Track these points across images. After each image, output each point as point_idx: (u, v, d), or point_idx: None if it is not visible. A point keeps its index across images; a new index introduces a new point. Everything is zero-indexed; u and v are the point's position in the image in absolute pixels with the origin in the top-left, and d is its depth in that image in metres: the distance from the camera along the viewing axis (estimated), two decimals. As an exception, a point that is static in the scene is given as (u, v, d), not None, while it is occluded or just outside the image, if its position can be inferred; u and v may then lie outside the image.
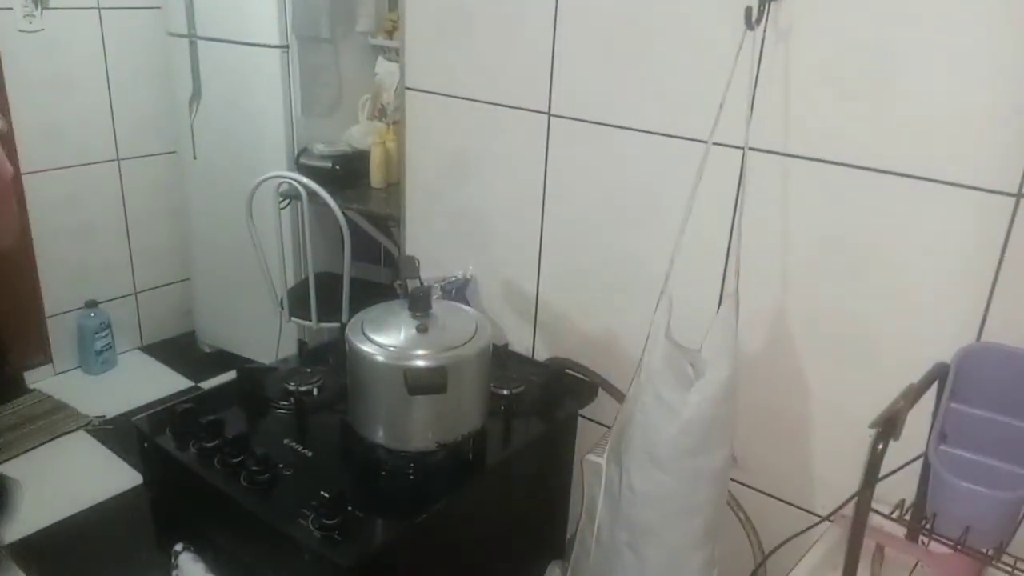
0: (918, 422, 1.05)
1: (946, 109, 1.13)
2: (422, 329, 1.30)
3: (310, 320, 2.56)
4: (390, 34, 2.89)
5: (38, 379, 3.03)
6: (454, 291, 1.72)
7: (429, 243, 1.83)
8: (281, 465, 1.31)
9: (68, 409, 2.88)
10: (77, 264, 3.08)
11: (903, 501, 1.13)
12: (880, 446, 0.96)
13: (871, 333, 1.27)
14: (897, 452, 1.00)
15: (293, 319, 2.62)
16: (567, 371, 1.64)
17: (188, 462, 1.34)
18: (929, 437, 1.01)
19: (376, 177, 2.81)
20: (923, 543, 1.13)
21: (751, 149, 1.30)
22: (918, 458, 1.12)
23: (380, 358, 1.27)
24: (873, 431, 0.98)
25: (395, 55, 2.84)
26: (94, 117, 3.00)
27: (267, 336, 2.82)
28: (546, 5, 1.47)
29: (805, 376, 1.36)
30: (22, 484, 2.49)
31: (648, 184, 1.45)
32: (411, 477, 1.34)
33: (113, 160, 3.11)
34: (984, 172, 1.12)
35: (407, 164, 1.83)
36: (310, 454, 1.37)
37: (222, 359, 3.18)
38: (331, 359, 1.66)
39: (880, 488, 0.99)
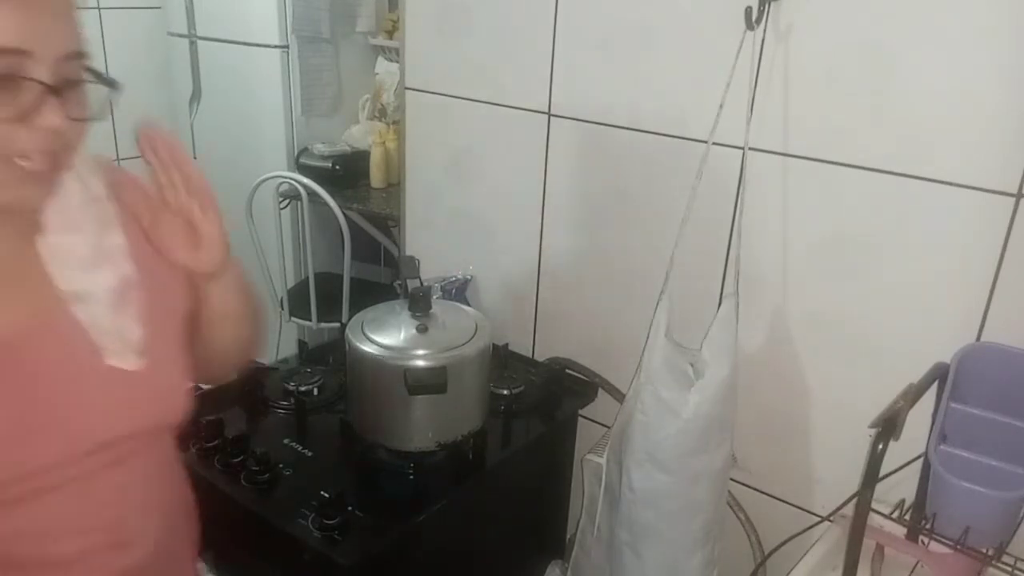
0: (918, 422, 1.05)
1: (946, 109, 1.13)
2: (422, 329, 1.30)
3: (310, 320, 2.56)
4: (390, 34, 2.89)
5: (38, 379, 3.04)
6: (454, 291, 1.72)
7: (429, 243, 1.83)
8: (281, 465, 1.31)
9: (68, 409, 2.88)
10: (77, 264, 3.09)
11: (903, 501, 1.13)
12: (880, 446, 0.96)
13: (871, 333, 1.27)
14: (897, 452, 1.00)
15: (293, 319, 2.63)
16: (567, 371, 1.64)
17: (188, 462, 1.34)
18: (929, 437, 1.01)
19: (376, 177, 2.81)
20: (923, 543, 1.13)
21: (751, 149, 1.30)
22: (918, 458, 1.12)
23: (380, 358, 1.27)
24: (873, 431, 0.98)
25: (395, 55, 2.84)
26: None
27: (267, 336, 2.82)
28: (546, 5, 1.47)
29: (805, 376, 1.36)
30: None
31: (648, 184, 1.45)
32: (411, 477, 1.34)
33: (113, 160, 3.11)
34: (984, 172, 1.12)
35: (407, 164, 1.82)
36: (310, 454, 1.37)
37: (222, 359, 3.18)
38: (331, 359, 1.66)
39: (880, 488, 0.99)
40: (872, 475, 0.97)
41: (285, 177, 2.52)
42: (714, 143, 1.26)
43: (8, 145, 0.64)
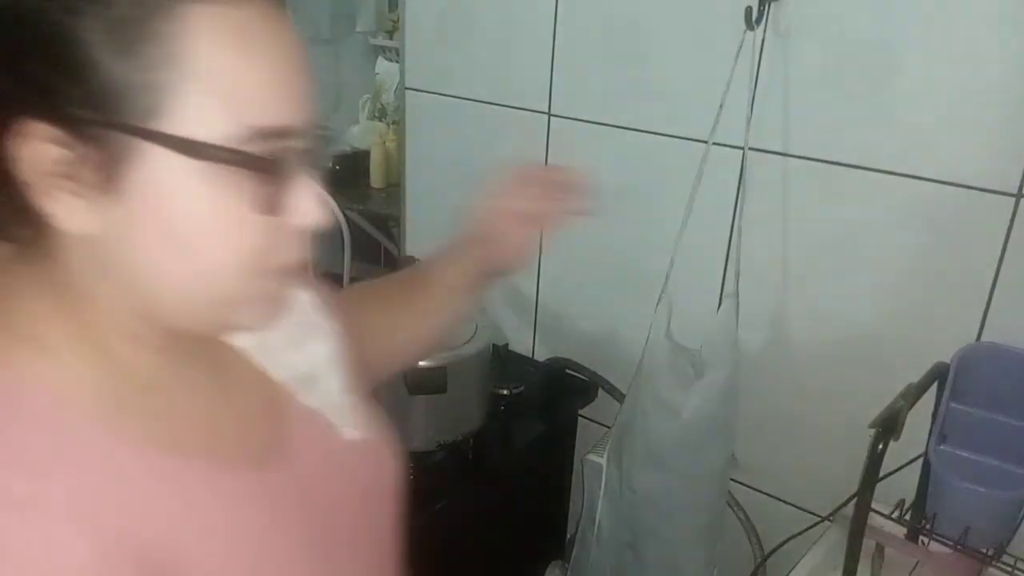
0: (918, 422, 1.05)
1: (946, 109, 1.13)
2: (422, 329, 1.30)
3: (310, 320, 2.56)
4: (390, 34, 2.89)
5: (38, 379, 3.03)
6: (454, 291, 1.72)
7: (429, 243, 1.83)
8: (281, 465, 1.31)
9: (68, 409, 2.88)
10: (77, 264, 3.08)
11: (903, 501, 1.13)
12: (880, 446, 0.96)
13: (871, 333, 1.27)
14: (897, 452, 1.00)
15: (293, 319, 2.62)
16: (567, 371, 1.64)
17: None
18: (929, 437, 1.01)
19: (376, 177, 2.81)
20: (923, 543, 1.12)
21: (751, 149, 1.29)
22: (918, 458, 1.12)
23: (380, 358, 1.27)
24: (873, 431, 0.98)
25: (395, 55, 2.84)
26: (94, 117, 3.00)
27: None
28: (546, 5, 1.47)
29: (805, 376, 1.36)
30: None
31: (648, 184, 1.45)
32: (411, 477, 1.34)
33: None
34: (984, 172, 1.12)
35: (407, 164, 1.82)
36: (310, 454, 1.37)
37: (222, 359, 3.17)
38: (331, 359, 1.66)
39: (880, 488, 0.99)
40: (872, 475, 0.97)
41: (285, 177, 2.51)
42: (714, 143, 1.26)
43: (267, 255, 0.49)
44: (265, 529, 0.54)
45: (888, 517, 1.10)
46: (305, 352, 0.64)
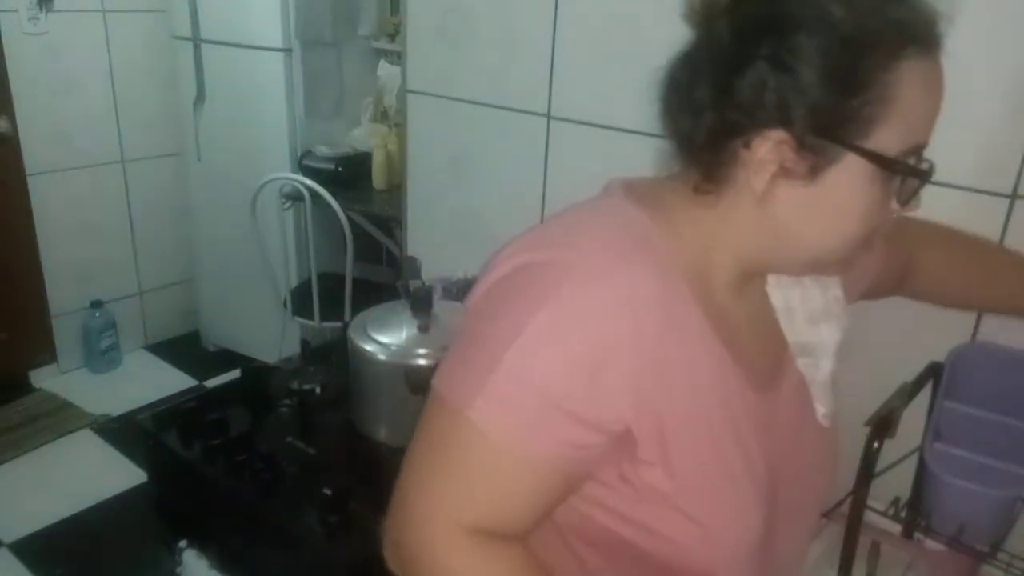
0: (913, 420, 1.06)
1: (942, 110, 1.14)
2: (423, 329, 1.32)
3: (313, 320, 2.58)
4: (392, 37, 2.90)
5: (43, 378, 3.05)
6: (456, 291, 1.73)
7: (430, 244, 1.84)
8: (284, 463, 1.32)
9: (73, 408, 2.90)
10: (82, 264, 3.11)
11: (898, 499, 1.14)
12: (875, 444, 0.97)
13: (867, 332, 1.28)
14: (894, 450, 1.01)
15: (296, 318, 2.64)
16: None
17: (192, 460, 1.35)
18: (924, 436, 1.02)
19: (378, 179, 2.82)
20: (919, 540, 1.13)
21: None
22: (912, 453, 1.13)
23: (382, 357, 1.29)
24: (868, 429, 0.99)
25: (397, 58, 2.86)
26: (99, 119, 3.02)
27: (271, 335, 2.83)
28: (546, 8, 1.49)
29: (803, 375, 1.37)
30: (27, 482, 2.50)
31: (647, 185, 1.46)
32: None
33: (118, 162, 3.13)
34: (979, 173, 1.13)
35: (409, 166, 1.84)
36: (313, 452, 1.38)
37: (226, 358, 3.20)
38: (334, 358, 1.68)
39: (876, 485, 1.00)
40: (867, 472, 0.98)
41: (288, 179, 2.54)
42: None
43: (878, 227, 0.66)
44: (739, 433, 0.68)
45: (884, 514, 1.11)
46: (816, 328, 0.78)
